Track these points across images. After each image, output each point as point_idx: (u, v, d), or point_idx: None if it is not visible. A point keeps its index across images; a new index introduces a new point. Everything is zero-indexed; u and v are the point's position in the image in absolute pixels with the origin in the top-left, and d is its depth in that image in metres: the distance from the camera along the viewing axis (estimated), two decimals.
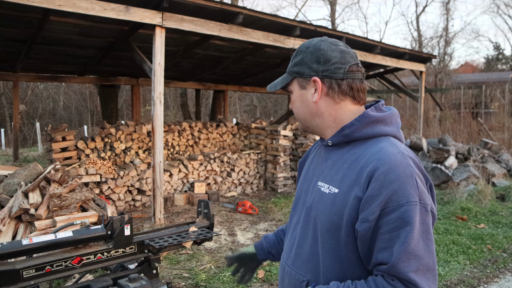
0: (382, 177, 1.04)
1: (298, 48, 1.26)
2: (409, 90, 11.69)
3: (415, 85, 15.42)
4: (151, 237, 1.77)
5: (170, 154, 8.22)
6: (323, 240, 1.15)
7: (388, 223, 1.03)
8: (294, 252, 1.27)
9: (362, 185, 1.07)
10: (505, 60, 33.71)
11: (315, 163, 1.32)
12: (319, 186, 1.20)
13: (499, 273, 4.16)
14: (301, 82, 1.23)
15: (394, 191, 1.02)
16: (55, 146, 6.66)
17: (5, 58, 8.09)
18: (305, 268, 1.21)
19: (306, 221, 1.24)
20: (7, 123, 18.83)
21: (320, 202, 1.17)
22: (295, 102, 1.27)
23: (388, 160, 1.06)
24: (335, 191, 1.13)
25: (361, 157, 1.12)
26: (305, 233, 1.24)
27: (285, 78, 1.28)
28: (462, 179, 7.67)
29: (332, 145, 1.23)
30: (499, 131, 14.34)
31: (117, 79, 10.47)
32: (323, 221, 1.15)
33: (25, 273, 1.42)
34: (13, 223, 3.58)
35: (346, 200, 1.09)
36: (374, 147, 1.12)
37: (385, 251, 1.03)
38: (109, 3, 4.72)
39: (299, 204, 1.33)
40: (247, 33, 6.15)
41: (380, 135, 1.16)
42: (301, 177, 1.40)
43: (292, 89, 1.27)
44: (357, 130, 1.16)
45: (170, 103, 22.23)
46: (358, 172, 1.10)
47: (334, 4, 27.30)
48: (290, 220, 1.39)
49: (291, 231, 1.35)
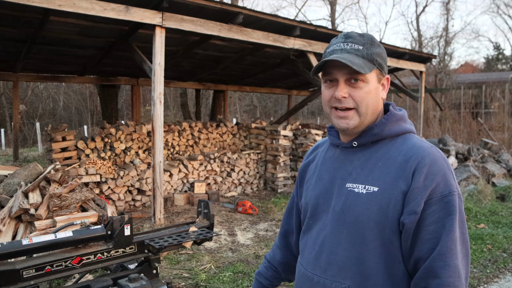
0: (426, 169, 1.08)
1: (371, 37, 1.19)
2: (409, 90, 11.69)
3: (415, 85, 15.42)
4: (151, 237, 1.77)
5: (170, 154, 8.22)
6: (366, 241, 1.13)
7: (433, 214, 1.07)
8: (324, 261, 1.20)
9: (406, 179, 1.09)
10: (505, 60, 33.72)
11: (331, 167, 1.27)
12: (351, 188, 1.17)
13: (499, 273, 4.16)
14: (379, 75, 1.20)
15: (437, 182, 1.07)
16: (55, 146, 6.66)
17: (5, 58, 8.08)
18: (343, 274, 1.16)
19: (338, 225, 1.18)
20: (7, 123, 18.83)
21: (357, 203, 1.15)
22: (370, 94, 1.17)
23: (427, 153, 1.10)
24: (375, 189, 1.13)
25: (397, 153, 1.15)
26: (338, 238, 1.18)
27: (369, 65, 1.16)
28: (462, 179, 7.67)
29: (357, 146, 1.21)
30: (499, 131, 14.34)
31: (117, 79, 10.47)
32: (365, 221, 1.13)
33: (25, 273, 1.42)
34: (13, 223, 3.58)
35: (389, 197, 1.10)
36: (408, 143, 1.16)
37: (430, 241, 1.07)
38: (109, 3, 4.72)
39: (321, 210, 1.25)
40: (247, 33, 6.15)
41: (404, 133, 1.20)
42: (311, 183, 1.32)
43: (367, 79, 1.16)
44: (386, 128, 1.18)
45: (170, 103, 22.23)
46: (398, 167, 1.12)
47: (334, 4, 27.30)
48: (308, 228, 1.31)
49: (312, 239, 1.27)
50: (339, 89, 1.16)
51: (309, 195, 1.31)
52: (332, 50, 1.19)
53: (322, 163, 1.31)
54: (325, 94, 1.21)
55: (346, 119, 1.17)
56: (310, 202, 1.30)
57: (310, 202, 1.29)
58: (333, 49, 1.19)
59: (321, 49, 7.18)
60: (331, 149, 1.32)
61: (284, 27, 6.57)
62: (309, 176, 1.36)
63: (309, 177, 1.36)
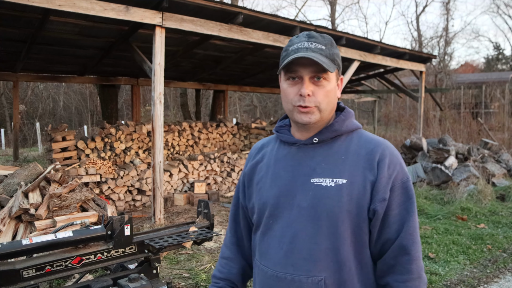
0: (388, 160, 1.19)
1: (331, 39, 1.25)
2: (409, 90, 11.69)
3: (415, 85, 15.41)
4: (151, 237, 1.77)
5: (170, 154, 8.22)
6: (340, 231, 1.18)
7: (397, 199, 1.18)
8: (298, 257, 1.20)
9: (372, 170, 1.18)
10: (505, 60, 33.73)
11: (289, 165, 1.27)
12: (317, 183, 1.20)
13: (499, 273, 4.16)
14: (337, 75, 1.25)
15: (397, 171, 1.19)
16: (55, 146, 6.66)
17: (5, 58, 8.09)
18: (319, 267, 1.18)
19: (309, 220, 1.20)
20: (7, 123, 18.83)
21: (328, 196, 1.18)
22: (330, 93, 1.21)
23: (385, 146, 1.22)
24: (343, 181, 1.18)
25: (358, 147, 1.23)
26: (312, 232, 1.19)
27: (332, 64, 1.20)
28: (462, 179, 7.66)
29: (317, 142, 1.25)
30: (499, 131, 14.33)
31: (117, 79, 10.47)
32: (338, 213, 1.17)
33: (25, 273, 1.42)
34: (13, 223, 3.58)
35: (358, 187, 1.17)
36: (364, 138, 1.26)
37: (397, 223, 1.18)
38: (109, 3, 4.72)
39: (282, 208, 1.24)
40: (247, 33, 6.15)
41: (357, 129, 1.29)
42: (266, 183, 1.30)
43: (329, 77, 1.20)
44: (345, 124, 1.26)
45: (170, 103, 22.23)
46: (363, 160, 1.20)
47: (334, 4, 27.30)
48: (268, 228, 1.28)
49: (276, 239, 1.25)
50: (305, 87, 1.18)
51: (266, 195, 1.29)
52: (297, 48, 1.20)
53: (276, 162, 1.30)
54: (289, 91, 1.22)
55: (309, 113, 1.20)
56: (268, 202, 1.27)
57: (269, 201, 1.27)
58: (298, 48, 1.20)
59: None
60: (283, 147, 1.31)
61: (284, 27, 6.57)
62: (260, 176, 1.33)
63: (260, 178, 1.33)
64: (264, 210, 1.29)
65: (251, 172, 1.37)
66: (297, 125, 1.27)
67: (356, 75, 12.23)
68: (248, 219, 1.43)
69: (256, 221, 1.34)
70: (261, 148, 1.40)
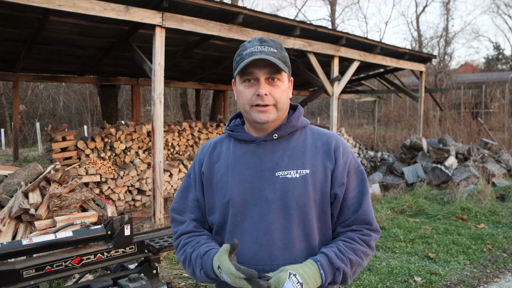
0: (341, 149, 1.34)
1: (280, 43, 1.34)
2: (409, 90, 11.69)
3: (415, 85, 15.41)
4: (151, 237, 1.77)
5: (170, 154, 8.21)
6: (309, 217, 1.28)
7: (353, 182, 1.33)
8: (274, 247, 1.25)
9: (330, 159, 1.31)
10: (505, 60, 33.73)
11: (251, 161, 1.30)
12: (283, 175, 1.28)
13: (499, 273, 4.15)
14: (289, 76, 1.36)
15: (350, 158, 1.35)
16: (55, 146, 6.66)
17: (5, 58, 8.08)
18: (295, 253, 1.27)
19: (280, 211, 1.26)
20: (7, 123, 18.82)
21: (295, 186, 1.27)
22: (285, 93, 1.31)
23: (337, 137, 1.37)
24: (307, 171, 1.29)
25: (314, 140, 1.36)
26: (286, 222, 1.26)
27: (284, 66, 1.28)
28: (462, 179, 7.66)
29: (277, 138, 1.33)
30: (499, 131, 14.32)
31: (117, 79, 10.47)
32: (306, 201, 1.27)
33: (25, 273, 1.42)
34: (13, 223, 3.58)
35: (320, 175, 1.29)
36: (317, 131, 1.39)
37: (356, 204, 1.32)
38: (109, 3, 4.72)
39: (250, 204, 1.27)
40: (247, 33, 6.15)
41: (308, 124, 1.41)
42: (227, 181, 1.31)
43: (283, 78, 1.30)
44: (300, 121, 1.37)
45: (170, 103, 22.23)
46: (321, 151, 1.33)
47: (334, 4, 27.30)
48: (236, 226, 1.29)
49: (248, 234, 1.27)
50: (261, 87, 1.26)
51: (229, 193, 1.30)
52: (251, 52, 1.26)
53: (235, 160, 1.33)
54: (246, 93, 1.29)
55: (267, 112, 1.27)
56: (233, 199, 1.29)
57: (234, 198, 1.29)
58: (252, 51, 1.26)
59: (321, 49, 7.18)
60: (240, 146, 1.36)
61: (284, 27, 6.57)
62: (220, 175, 1.34)
63: (220, 177, 1.34)
64: (228, 208, 1.31)
65: (209, 173, 1.37)
66: (253, 125, 1.33)
67: (356, 75, 12.23)
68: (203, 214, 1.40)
69: (219, 221, 1.34)
70: (213, 149, 1.42)
